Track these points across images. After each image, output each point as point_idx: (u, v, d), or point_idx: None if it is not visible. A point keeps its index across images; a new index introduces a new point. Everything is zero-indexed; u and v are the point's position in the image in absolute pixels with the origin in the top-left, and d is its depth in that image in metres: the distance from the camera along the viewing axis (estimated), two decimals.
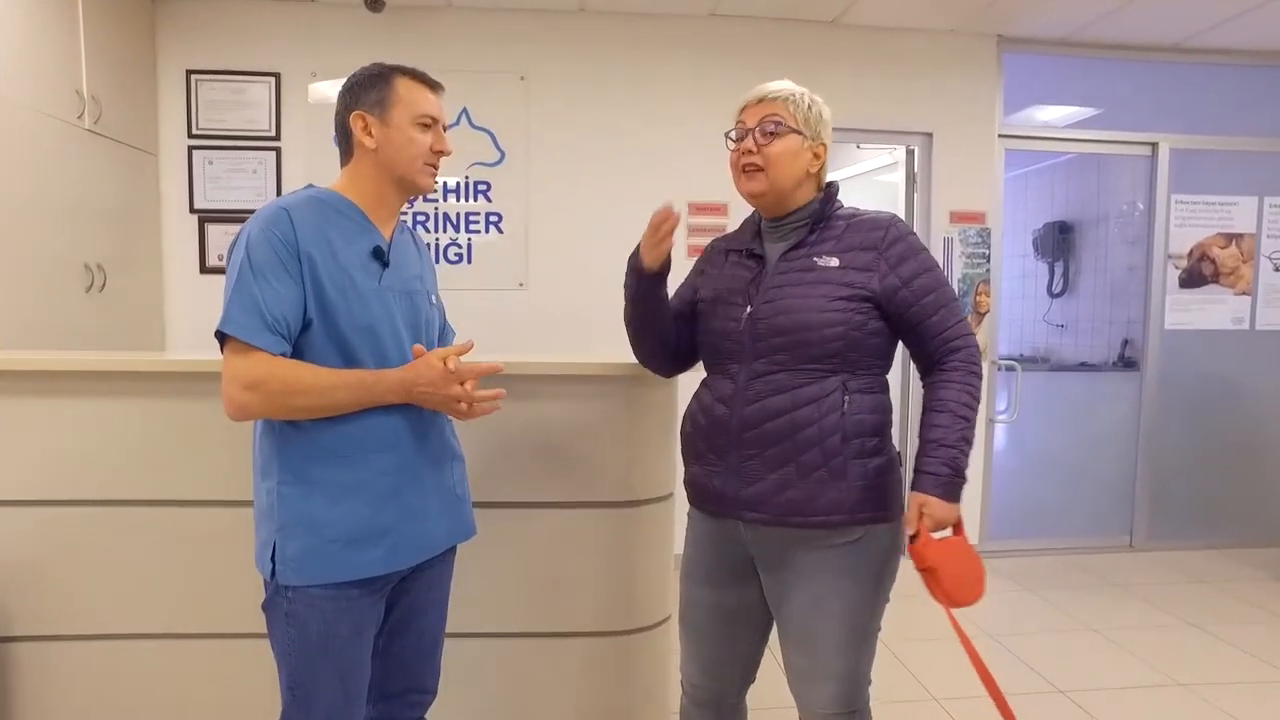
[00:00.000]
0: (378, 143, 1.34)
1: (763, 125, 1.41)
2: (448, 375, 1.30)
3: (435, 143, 1.38)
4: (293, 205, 1.29)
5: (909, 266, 1.38)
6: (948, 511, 1.34)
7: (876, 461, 1.38)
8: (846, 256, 1.39)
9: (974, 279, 3.75)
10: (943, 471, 1.33)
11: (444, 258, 3.63)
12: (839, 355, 1.36)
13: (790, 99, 1.42)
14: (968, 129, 3.75)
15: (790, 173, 1.41)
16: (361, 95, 1.36)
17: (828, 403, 1.35)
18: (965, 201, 3.75)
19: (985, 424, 3.80)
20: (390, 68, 1.38)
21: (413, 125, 1.35)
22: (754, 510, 1.39)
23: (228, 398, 1.22)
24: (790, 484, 1.36)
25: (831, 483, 1.35)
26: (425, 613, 1.46)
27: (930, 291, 1.38)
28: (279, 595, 1.29)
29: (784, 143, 1.40)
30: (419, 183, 1.38)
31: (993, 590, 3.62)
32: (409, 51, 3.61)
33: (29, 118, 2.63)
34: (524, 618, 1.93)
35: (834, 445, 1.34)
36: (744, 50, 3.64)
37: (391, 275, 1.37)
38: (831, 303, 1.35)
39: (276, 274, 1.23)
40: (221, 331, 1.22)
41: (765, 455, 1.37)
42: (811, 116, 1.43)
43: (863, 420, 1.37)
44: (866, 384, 1.39)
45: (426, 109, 1.37)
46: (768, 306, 1.39)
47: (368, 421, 1.29)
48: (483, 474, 1.84)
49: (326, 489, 1.28)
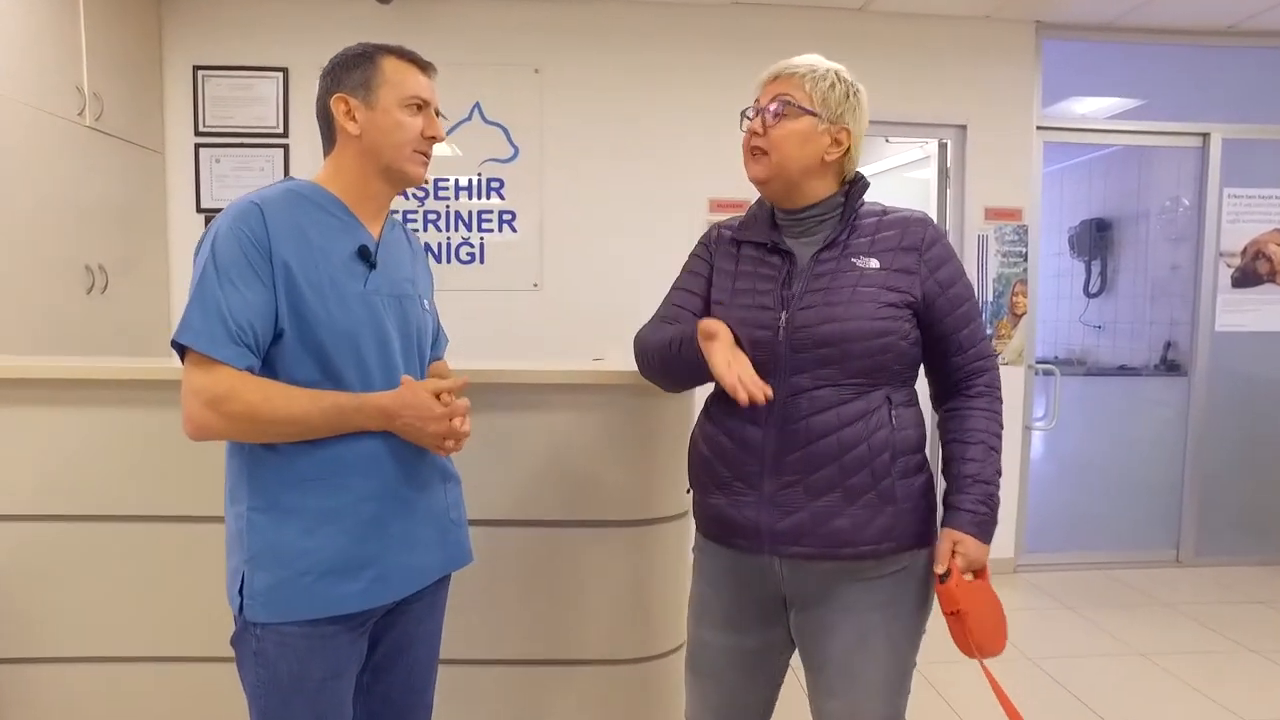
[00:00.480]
0: (362, 128, 1.21)
1: (771, 105, 1.27)
2: (438, 410, 1.18)
3: (426, 127, 1.24)
4: (266, 199, 1.16)
5: (946, 271, 1.28)
6: (981, 552, 1.25)
7: (920, 479, 1.28)
8: (886, 258, 1.26)
9: (1011, 278, 3.56)
10: (980, 510, 1.24)
11: (456, 258, 3.52)
12: (884, 367, 1.24)
13: (808, 75, 1.26)
14: (1004, 121, 3.57)
15: (798, 158, 1.25)
16: (344, 77, 1.23)
17: (875, 418, 1.23)
18: (1001, 197, 3.57)
19: (1021, 431, 3.61)
20: (376, 46, 1.25)
21: (401, 108, 1.21)
22: (796, 544, 1.24)
23: (186, 415, 1.10)
24: (837, 511, 1.23)
25: (881, 506, 1.23)
26: (414, 648, 1.33)
27: (965, 301, 1.29)
28: (247, 632, 1.17)
29: (793, 124, 1.25)
30: (408, 172, 1.24)
31: (1030, 607, 3.52)
32: (419, 44, 3.47)
33: (27, 114, 2.54)
34: (529, 643, 1.81)
35: (883, 465, 1.23)
36: (767, 39, 3.49)
37: (379, 277, 1.24)
38: (879, 309, 1.23)
39: (244, 277, 1.10)
40: (178, 342, 1.09)
41: (809, 481, 1.23)
42: (833, 96, 1.26)
43: (909, 435, 1.26)
44: (906, 395, 1.28)
45: (416, 90, 1.23)
46: (809, 313, 1.23)
47: (348, 444, 1.17)
48: (484, 489, 1.72)
49: (301, 516, 1.15)
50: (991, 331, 3.56)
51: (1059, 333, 4.83)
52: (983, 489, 1.24)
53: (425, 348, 1.34)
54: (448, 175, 3.49)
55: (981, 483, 1.24)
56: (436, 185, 3.49)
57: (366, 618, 1.22)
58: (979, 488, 1.24)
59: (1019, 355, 3.58)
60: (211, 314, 1.08)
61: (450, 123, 3.47)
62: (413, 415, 1.17)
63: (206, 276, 1.10)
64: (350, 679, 1.22)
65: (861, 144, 1.31)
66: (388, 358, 1.22)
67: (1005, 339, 3.57)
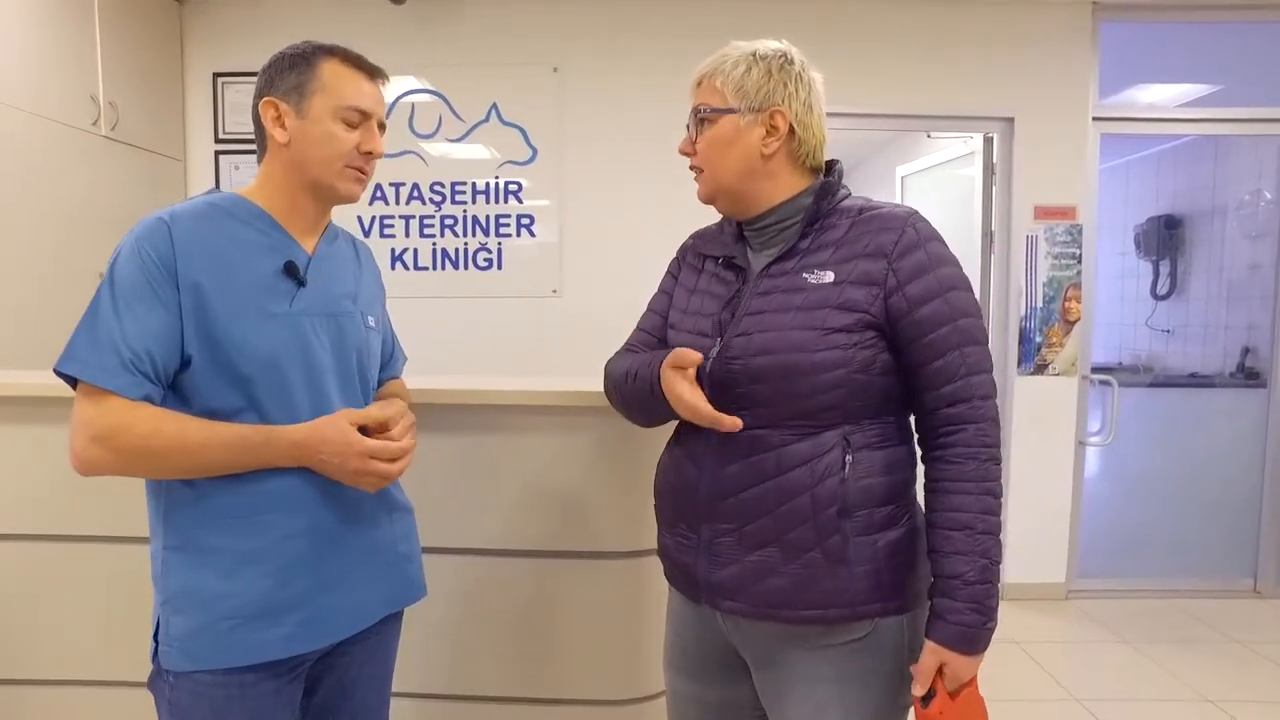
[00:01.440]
0: (290, 136, 1.11)
1: (692, 119, 1.13)
2: (357, 446, 1.07)
3: (364, 141, 1.12)
4: (177, 215, 1.06)
5: (921, 285, 1.03)
6: (971, 668, 1.03)
7: (890, 536, 1.05)
8: (845, 268, 1.05)
9: (1062, 282, 3.29)
10: (969, 621, 1.00)
11: (474, 264, 3.43)
12: (839, 405, 1.03)
13: (716, 72, 1.10)
14: (1056, 112, 3.29)
15: (729, 165, 1.10)
16: (277, 79, 1.12)
17: (824, 464, 1.03)
18: (1052, 195, 3.30)
19: (1073, 446, 3.34)
20: (317, 47, 1.13)
21: (334, 118, 1.10)
22: (729, 599, 1.09)
23: (72, 450, 1.00)
24: (773, 569, 1.05)
25: (828, 567, 1.03)
26: (357, 692, 1.22)
27: (941, 324, 1.02)
28: (160, 678, 1.08)
29: (712, 130, 1.11)
30: (338, 189, 1.13)
31: (1080, 639, 3.24)
32: (434, 45, 3.43)
33: (39, 125, 2.55)
34: (511, 680, 1.69)
35: (829, 520, 1.02)
36: (797, 31, 3.25)
37: (309, 295, 1.13)
38: (826, 336, 1.02)
39: (143, 299, 1.01)
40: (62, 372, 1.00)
41: (744, 531, 1.06)
42: (749, 81, 1.08)
43: (871, 486, 1.04)
44: (878, 435, 1.06)
45: (354, 100, 1.12)
46: (741, 342, 1.06)
47: (270, 478, 1.06)
48: (465, 516, 1.63)
49: (219, 559, 1.05)
50: (1040, 339, 3.30)
51: (1123, 338, 4.52)
52: (972, 592, 1.00)
53: (368, 370, 1.22)
54: (465, 179, 3.41)
55: (970, 584, 1.00)
56: (454, 189, 3.41)
57: (295, 664, 1.12)
58: (969, 591, 1.00)
59: (1072, 365, 3.31)
60: (102, 341, 0.99)
61: (467, 124, 3.39)
62: (331, 451, 1.06)
63: (100, 300, 1.01)
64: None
65: (817, 124, 1.10)
66: (316, 383, 1.11)
67: (1056, 347, 3.30)
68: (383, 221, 3.43)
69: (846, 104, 3.30)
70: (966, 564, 1.00)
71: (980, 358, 1.04)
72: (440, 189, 3.42)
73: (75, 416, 1.00)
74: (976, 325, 1.05)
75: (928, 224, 1.08)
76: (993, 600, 1.01)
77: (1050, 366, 3.31)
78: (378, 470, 1.08)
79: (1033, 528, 3.37)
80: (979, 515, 1.00)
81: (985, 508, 1.01)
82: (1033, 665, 2.79)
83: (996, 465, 1.03)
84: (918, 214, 1.09)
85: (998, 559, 1.02)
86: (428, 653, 1.67)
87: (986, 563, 1.00)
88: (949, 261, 1.06)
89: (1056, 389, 3.32)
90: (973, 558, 1.00)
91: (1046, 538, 3.38)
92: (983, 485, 1.01)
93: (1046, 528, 3.38)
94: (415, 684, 1.67)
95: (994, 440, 1.03)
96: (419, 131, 3.39)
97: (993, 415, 1.03)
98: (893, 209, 1.09)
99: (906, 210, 1.09)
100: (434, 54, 3.36)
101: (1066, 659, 2.89)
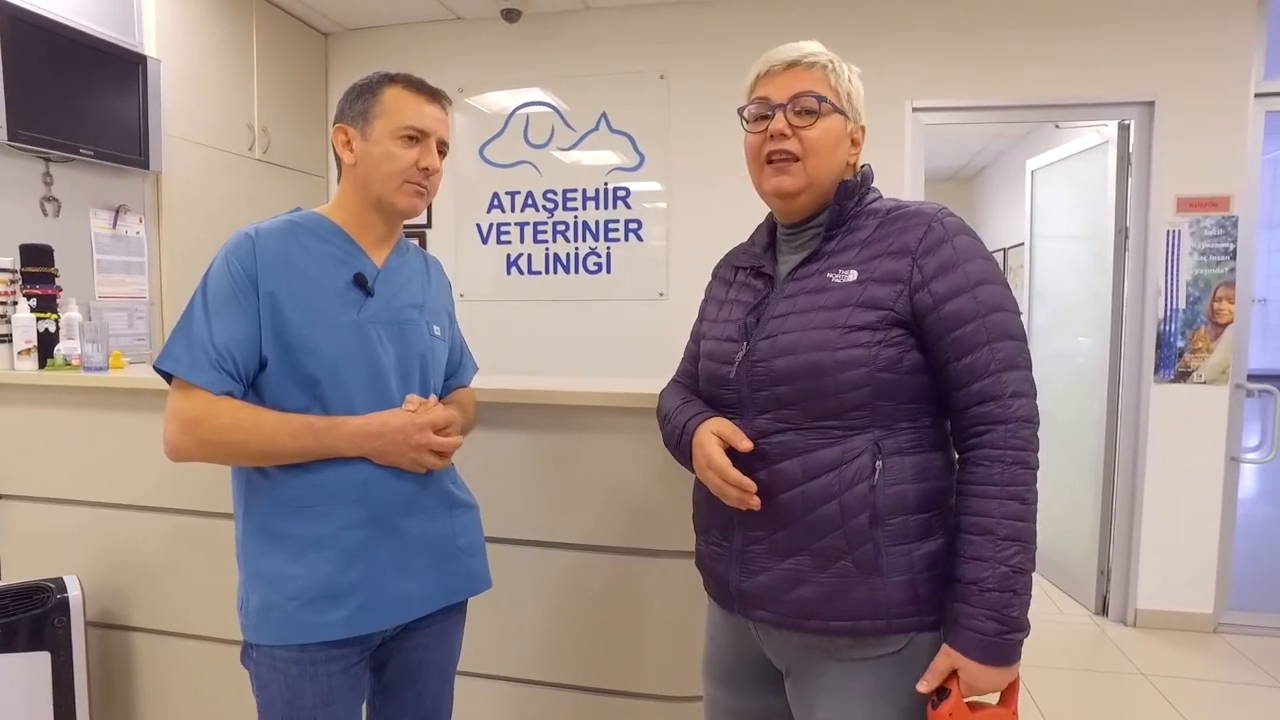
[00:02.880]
0: (357, 158, 1.23)
1: (797, 102, 1.07)
2: (420, 421, 1.18)
3: (421, 158, 1.23)
4: (262, 231, 1.21)
5: (949, 281, 1.00)
6: (991, 680, 0.97)
7: (927, 547, 1.02)
8: (869, 266, 1.03)
9: (1211, 281, 2.97)
10: (987, 628, 0.96)
11: (584, 268, 3.56)
12: (865, 406, 1.01)
13: (831, 66, 1.09)
14: (1207, 92, 2.98)
15: (831, 165, 1.09)
16: (347, 107, 1.25)
17: (853, 470, 1.00)
18: (1200, 184, 2.99)
19: (1224, 463, 3.01)
20: (385, 76, 1.25)
21: (394, 139, 1.21)
22: (760, 608, 1.08)
23: (164, 438, 1.16)
24: (803, 578, 1.03)
25: (860, 577, 1.01)
26: (422, 674, 1.33)
27: (968, 320, 0.99)
28: (247, 652, 1.23)
29: (827, 124, 1.08)
30: (398, 204, 1.24)
31: (1230, 679, 2.91)
32: (545, 58, 3.58)
33: (203, 154, 2.93)
34: (584, 670, 1.76)
35: (860, 528, 1.00)
36: (907, 26, 3.19)
37: (375, 305, 1.24)
38: (848, 335, 1.00)
39: (229, 306, 1.15)
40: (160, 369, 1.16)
41: (773, 539, 1.06)
42: (854, 91, 1.11)
43: (904, 492, 1.01)
44: (911, 440, 1.03)
45: (413, 120, 1.22)
46: (766, 345, 1.06)
47: (331, 470, 1.18)
48: (538, 509, 1.72)
49: (287, 544, 1.18)
50: (1183, 344, 3.00)
51: None
52: (991, 599, 0.95)
53: (432, 375, 1.32)
54: (576, 185, 3.54)
55: (989, 590, 0.95)
56: (565, 196, 3.55)
57: (361, 644, 1.23)
58: (986, 598, 0.95)
59: (1222, 372, 2.98)
60: (194, 341, 1.14)
61: (578, 133, 3.52)
62: (395, 432, 1.17)
63: (194, 305, 1.16)
64: (347, 707, 1.22)
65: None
66: (379, 386, 1.22)
67: (1202, 353, 2.98)
68: (499, 228, 3.63)
69: (968, 96, 3.16)
70: (986, 569, 0.96)
71: (1013, 354, 0.99)
72: (552, 196, 3.57)
73: (168, 407, 1.16)
74: (1010, 320, 1.00)
75: (957, 219, 1.05)
76: (1014, 610, 0.96)
77: (1195, 374, 3.00)
78: (433, 450, 1.20)
79: (1173, 550, 3.07)
80: (1002, 520, 0.96)
81: (1010, 513, 0.96)
82: (1162, 702, 2.55)
83: (1026, 469, 0.97)
84: (946, 209, 1.06)
85: (1024, 567, 0.96)
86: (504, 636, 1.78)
87: (1008, 570, 0.95)
88: (979, 256, 1.02)
89: (1203, 398, 3.00)
90: (993, 564, 0.96)
91: (1190, 562, 3.07)
92: (1008, 489, 0.96)
93: (1190, 551, 3.06)
94: (489, 666, 1.78)
95: (1025, 442, 0.97)
96: (533, 142, 3.56)
97: (1025, 414, 0.98)
98: (921, 206, 1.07)
99: (935, 206, 1.06)
100: (546, 67, 3.51)
101: (1208, 699, 2.62)
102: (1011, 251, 5.31)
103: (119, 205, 2.67)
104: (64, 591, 1.84)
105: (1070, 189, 3.52)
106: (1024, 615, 0.97)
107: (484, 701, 1.80)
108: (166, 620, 1.96)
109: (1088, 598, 3.33)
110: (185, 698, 1.97)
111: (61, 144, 2.39)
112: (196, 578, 1.91)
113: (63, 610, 1.82)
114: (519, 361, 3.53)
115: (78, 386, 1.92)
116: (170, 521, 1.92)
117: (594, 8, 3.42)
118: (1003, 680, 0.98)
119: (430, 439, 1.19)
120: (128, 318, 2.74)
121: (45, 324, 2.02)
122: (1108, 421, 3.20)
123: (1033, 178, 3.80)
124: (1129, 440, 3.13)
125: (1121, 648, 2.96)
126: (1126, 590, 3.17)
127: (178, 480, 1.88)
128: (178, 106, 2.81)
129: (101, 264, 2.63)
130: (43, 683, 1.81)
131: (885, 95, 3.16)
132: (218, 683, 1.91)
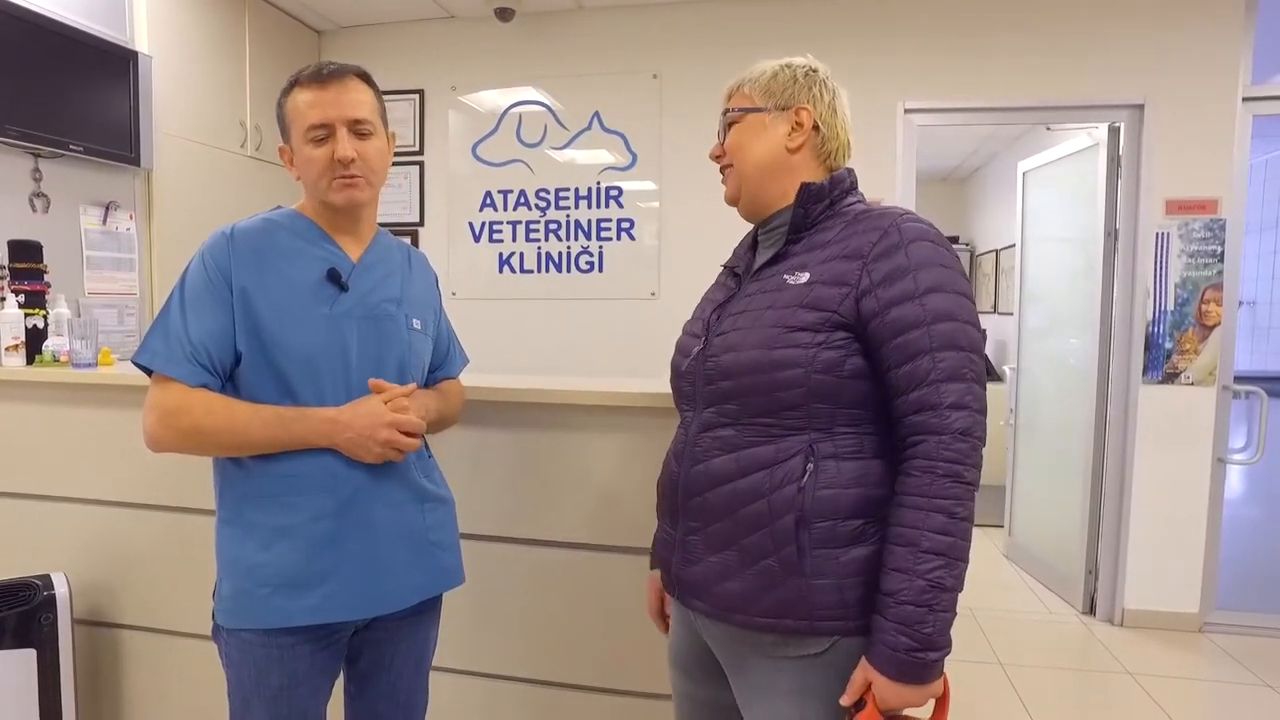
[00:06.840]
0: (297, 170, 1.26)
1: (722, 124, 1.17)
2: (386, 416, 1.20)
3: (336, 151, 1.20)
4: (239, 229, 1.22)
5: (898, 287, 0.98)
6: (903, 698, 0.94)
7: (855, 552, 0.99)
8: (821, 268, 1.03)
9: (1199, 283, 2.99)
10: (898, 643, 0.93)
11: (576, 267, 3.57)
12: (800, 407, 1.00)
13: (746, 81, 1.15)
14: (1196, 95, 3.00)
15: (753, 154, 1.12)
16: (279, 127, 1.27)
17: (784, 470, 1.00)
18: (1189, 187, 3.01)
19: (1211, 464, 3.03)
20: (289, 83, 1.24)
21: (306, 143, 1.22)
22: (696, 598, 1.09)
23: (143, 429, 1.17)
24: (730, 573, 1.04)
25: (783, 577, 1.00)
26: (395, 665, 1.34)
27: (912, 327, 0.96)
28: (217, 634, 1.25)
29: (741, 125, 1.14)
30: (335, 202, 1.24)
31: (1216, 679, 2.93)
32: (539, 58, 3.58)
33: (196, 150, 2.92)
34: (558, 666, 1.77)
35: (786, 529, 0.99)
36: (899, 28, 3.20)
37: (350, 299, 1.25)
38: (788, 334, 1.00)
39: (204, 302, 1.17)
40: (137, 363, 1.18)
41: (708, 531, 1.07)
42: (776, 84, 1.12)
43: (836, 497, 0.99)
44: (851, 445, 1.01)
45: (312, 119, 1.20)
46: (719, 340, 1.09)
47: (301, 461, 1.19)
48: (524, 507, 1.72)
49: (259, 532, 1.20)
50: (1171, 346, 3.02)
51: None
52: (904, 612, 0.92)
53: (411, 367, 1.32)
54: (568, 185, 3.55)
55: (904, 604, 0.92)
56: (557, 195, 3.56)
57: (330, 631, 1.24)
58: (900, 611, 0.92)
59: (1209, 374, 3.00)
60: (171, 336, 1.16)
61: (571, 132, 3.52)
62: (363, 424, 1.18)
63: (172, 302, 1.18)
64: (314, 688, 1.24)
65: (841, 126, 1.14)
66: (350, 379, 1.23)
67: (1190, 354, 3.00)
68: (491, 227, 3.63)
69: (960, 98, 3.17)
70: (903, 581, 0.93)
71: (957, 364, 0.95)
72: (545, 195, 3.57)
73: (147, 399, 1.17)
74: (959, 330, 0.97)
75: (920, 225, 1.03)
76: (928, 627, 0.92)
77: (1183, 375, 3.02)
78: (401, 442, 1.20)
79: (1160, 550, 3.10)
80: (926, 533, 0.93)
81: (935, 526, 0.93)
82: (1149, 702, 2.57)
83: (957, 482, 0.94)
84: (911, 215, 1.05)
85: (945, 583, 0.92)
86: (478, 632, 1.78)
87: (926, 584, 0.92)
88: (935, 263, 0.99)
89: (1190, 400, 3.02)
90: (911, 576, 0.93)
91: (1177, 562, 3.09)
92: (935, 502, 0.93)
93: (1177, 551, 3.09)
94: (466, 662, 1.78)
95: (960, 455, 0.94)
96: (525, 141, 3.56)
97: (962, 427, 0.94)
98: (885, 210, 1.06)
99: (898, 211, 1.05)
100: (539, 66, 3.52)
101: (1194, 698, 2.64)
102: (1003, 253, 5.34)
103: (109, 201, 2.66)
104: (51, 588, 1.83)
105: (1061, 191, 3.54)
106: (941, 634, 0.93)
107: (463, 696, 1.80)
108: (154, 617, 1.95)
109: (1075, 597, 3.35)
110: (172, 694, 1.97)
111: (51, 140, 2.39)
112: (184, 575, 1.90)
113: (49, 607, 1.82)
114: (510, 360, 3.53)
115: (66, 383, 1.92)
116: (158, 518, 1.91)
117: (587, 7, 3.42)
118: (917, 699, 0.95)
119: (396, 436, 1.20)
120: (118, 314, 2.73)
121: (34, 320, 2.02)
122: (1096, 422, 3.22)
123: (1024, 180, 3.81)
124: (1117, 441, 3.15)
125: (1108, 647, 2.98)
126: (1114, 590, 3.19)
127: (166, 477, 1.88)
128: (169, 103, 2.80)
129: (91, 260, 2.62)
130: (29, 680, 1.80)
131: (877, 96, 3.18)
132: (204, 680, 1.91)
